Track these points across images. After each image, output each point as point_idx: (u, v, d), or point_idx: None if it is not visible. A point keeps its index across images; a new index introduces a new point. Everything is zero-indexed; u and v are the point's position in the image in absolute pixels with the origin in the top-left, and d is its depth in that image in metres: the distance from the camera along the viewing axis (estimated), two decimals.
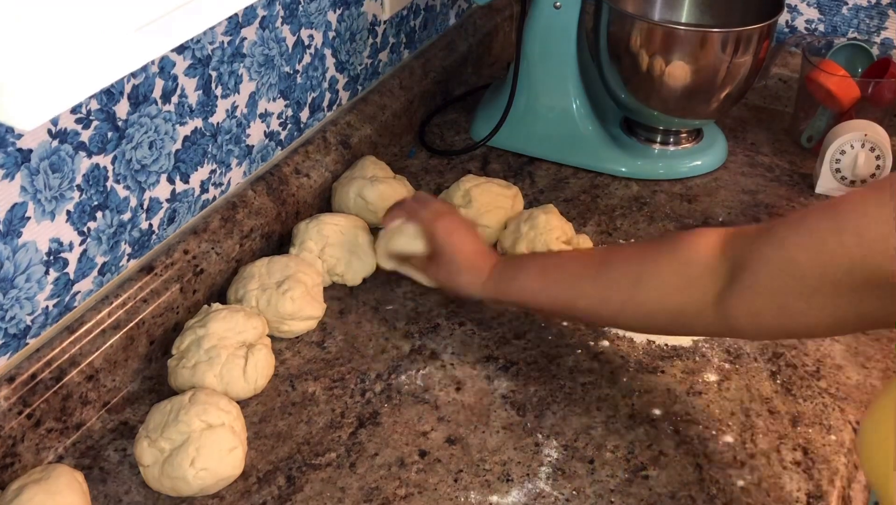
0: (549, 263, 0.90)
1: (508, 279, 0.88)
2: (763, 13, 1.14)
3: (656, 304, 0.79)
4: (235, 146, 1.03)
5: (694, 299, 0.76)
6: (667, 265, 0.78)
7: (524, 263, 0.91)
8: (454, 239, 0.91)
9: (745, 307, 0.72)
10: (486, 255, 0.92)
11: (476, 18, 1.47)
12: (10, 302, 0.79)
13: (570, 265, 0.88)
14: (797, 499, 0.80)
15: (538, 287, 0.87)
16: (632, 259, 0.83)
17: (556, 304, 0.87)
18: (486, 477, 0.82)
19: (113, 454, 0.84)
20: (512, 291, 0.89)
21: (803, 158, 1.27)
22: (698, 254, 0.76)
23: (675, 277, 0.77)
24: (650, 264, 0.80)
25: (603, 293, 0.83)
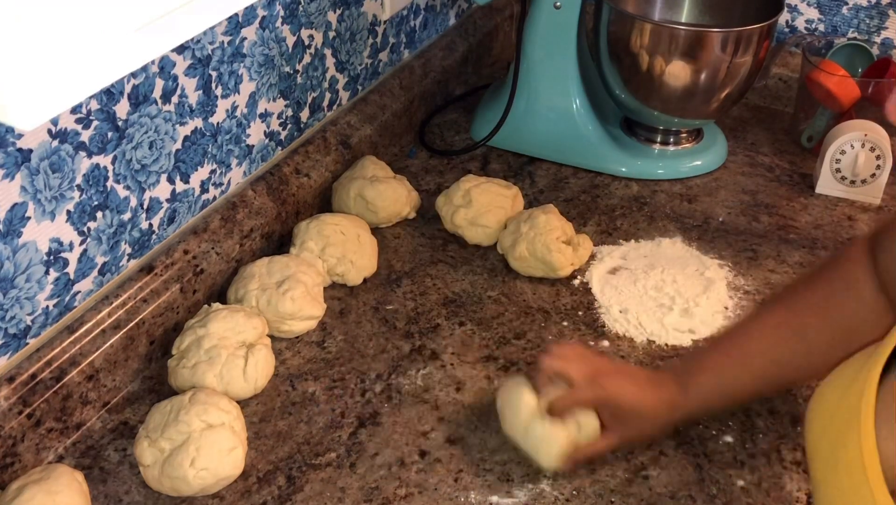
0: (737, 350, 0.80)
1: (704, 394, 0.80)
2: (763, 13, 1.14)
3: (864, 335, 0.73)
4: (235, 146, 1.03)
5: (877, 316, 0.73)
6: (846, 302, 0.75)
7: (711, 366, 0.81)
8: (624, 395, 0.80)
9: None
10: (663, 386, 0.81)
11: (476, 18, 1.47)
12: (10, 302, 0.79)
13: (762, 344, 0.79)
14: (797, 499, 0.80)
15: (743, 382, 0.79)
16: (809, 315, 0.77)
17: (769, 389, 0.83)
18: (486, 477, 0.82)
19: (113, 454, 0.84)
20: (705, 402, 0.81)
21: (803, 158, 1.27)
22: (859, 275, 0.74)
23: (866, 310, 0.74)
24: (830, 313, 0.76)
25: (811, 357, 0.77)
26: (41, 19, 0.42)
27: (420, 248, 1.10)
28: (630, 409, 0.79)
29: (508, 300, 1.02)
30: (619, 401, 0.79)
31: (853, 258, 0.76)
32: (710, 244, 1.11)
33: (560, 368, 0.80)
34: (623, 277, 1.05)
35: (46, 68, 0.43)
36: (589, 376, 0.80)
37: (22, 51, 0.41)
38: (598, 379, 0.80)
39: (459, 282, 1.05)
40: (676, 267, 1.06)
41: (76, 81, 0.45)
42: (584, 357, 0.83)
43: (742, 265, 1.07)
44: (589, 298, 1.02)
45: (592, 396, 0.79)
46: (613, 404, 0.79)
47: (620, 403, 0.79)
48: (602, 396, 0.79)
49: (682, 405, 0.80)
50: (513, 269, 1.06)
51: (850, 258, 0.77)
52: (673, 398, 0.80)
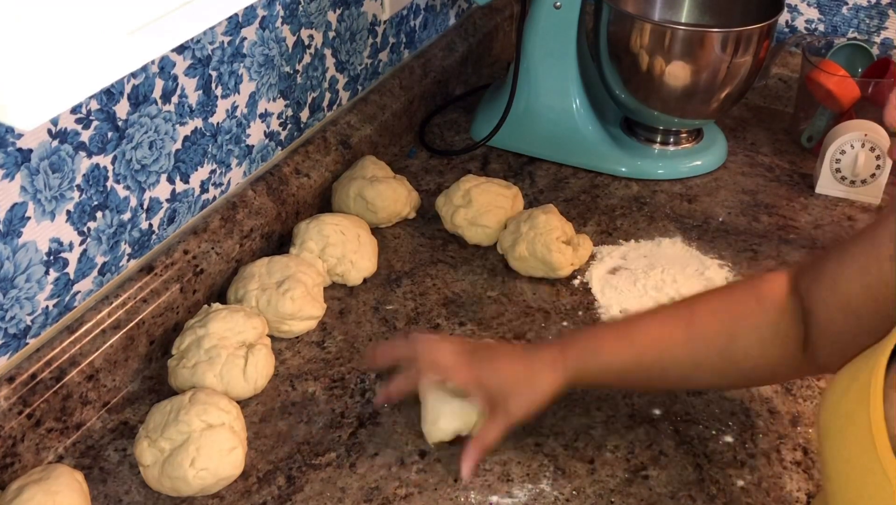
0: (627, 330, 0.81)
1: (585, 362, 0.79)
2: (763, 13, 1.14)
3: (750, 360, 0.75)
4: (235, 146, 1.03)
5: (783, 349, 0.73)
6: (754, 320, 0.74)
7: (598, 336, 0.82)
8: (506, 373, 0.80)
9: (824, 350, 0.70)
10: (539, 351, 0.82)
11: (476, 18, 1.47)
12: (10, 302, 0.80)
13: (653, 329, 0.79)
14: (797, 499, 0.80)
15: (623, 360, 0.79)
16: (718, 316, 0.76)
17: (647, 376, 0.80)
18: (486, 477, 0.82)
19: (113, 454, 0.84)
20: (593, 373, 0.80)
21: (803, 158, 1.27)
22: (778, 301, 0.73)
23: (765, 329, 0.73)
24: (738, 321, 0.75)
25: (694, 354, 0.76)
26: (41, 19, 0.42)
27: (420, 248, 1.10)
28: (510, 387, 0.79)
29: (508, 300, 1.02)
30: (495, 383, 0.79)
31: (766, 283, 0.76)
32: (710, 244, 1.11)
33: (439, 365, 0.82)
34: (623, 277, 1.05)
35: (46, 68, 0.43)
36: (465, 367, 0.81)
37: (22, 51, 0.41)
38: (473, 366, 0.81)
39: (459, 282, 1.05)
40: (676, 267, 1.06)
41: (76, 81, 0.45)
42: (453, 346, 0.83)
43: (742, 265, 1.07)
44: (589, 298, 1.02)
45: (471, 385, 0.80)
46: (492, 388, 0.79)
47: (498, 384, 0.79)
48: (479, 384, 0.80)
49: (561, 370, 0.79)
50: (513, 269, 1.06)
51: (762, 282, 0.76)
52: (552, 361, 0.79)
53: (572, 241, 1.05)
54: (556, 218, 1.05)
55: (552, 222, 1.04)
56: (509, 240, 1.05)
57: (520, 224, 1.05)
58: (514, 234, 1.05)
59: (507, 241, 1.06)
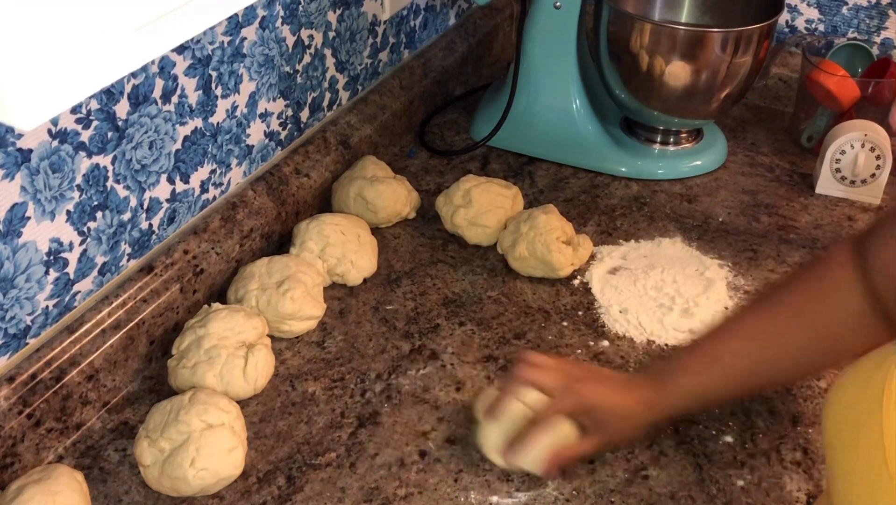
0: (713, 351, 0.81)
1: (679, 395, 0.80)
2: (763, 13, 1.14)
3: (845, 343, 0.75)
4: (235, 146, 1.03)
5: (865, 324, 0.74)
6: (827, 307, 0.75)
7: (686, 367, 0.81)
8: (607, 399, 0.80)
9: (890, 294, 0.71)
10: (637, 387, 0.81)
11: (476, 18, 1.47)
12: (10, 302, 0.79)
13: (739, 345, 0.79)
14: (797, 499, 0.80)
15: (706, 383, 0.80)
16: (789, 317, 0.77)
17: (743, 391, 0.84)
18: (486, 477, 0.82)
19: (113, 454, 0.84)
20: (682, 402, 0.81)
21: (803, 158, 1.27)
22: (844, 279, 0.74)
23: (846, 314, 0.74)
24: (810, 316, 0.76)
25: (780, 363, 0.78)
26: (41, 19, 0.42)
27: (420, 248, 1.10)
28: (608, 411, 0.79)
29: (508, 300, 1.02)
30: (596, 405, 0.79)
31: (836, 262, 0.76)
32: (710, 244, 1.11)
33: (535, 378, 0.81)
34: (623, 277, 1.05)
35: (46, 68, 0.43)
36: (564, 384, 0.80)
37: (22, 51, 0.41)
38: (573, 386, 0.80)
39: (459, 282, 1.05)
40: (676, 267, 1.06)
41: (76, 81, 0.45)
42: (558, 365, 0.83)
43: (742, 265, 1.07)
44: (589, 298, 1.02)
45: (570, 403, 0.79)
46: (591, 409, 0.79)
47: (597, 407, 0.79)
48: (579, 402, 0.79)
49: (659, 405, 0.80)
50: (513, 269, 1.06)
51: (833, 262, 0.77)
52: (649, 398, 0.80)
53: (572, 241, 1.05)
54: (556, 218, 1.05)
55: (552, 222, 1.04)
56: (509, 240, 1.05)
57: (520, 224, 1.05)
58: (514, 234, 1.05)
59: (507, 241, 1.06)
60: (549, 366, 0.82)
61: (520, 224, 1.05)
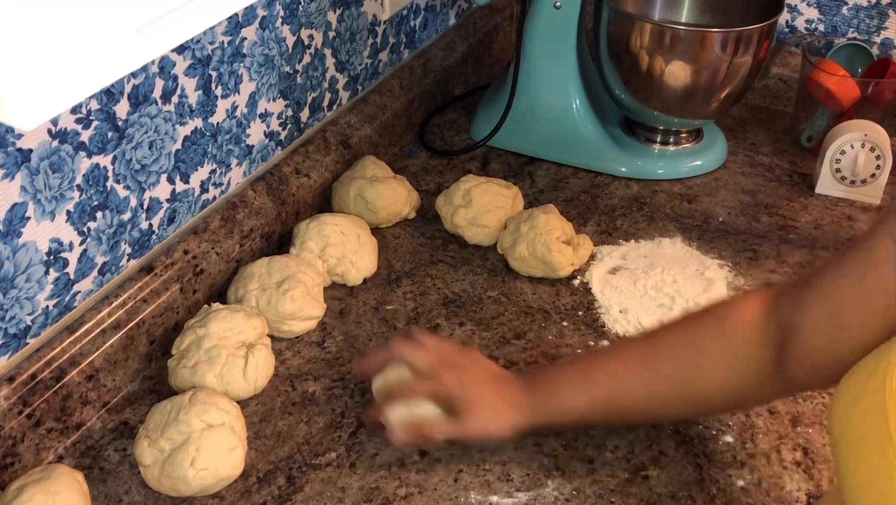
0: (588, 368, 0.81)
1: (547, 403, 0.81)
2: (763, 13, 1.14)
3: (715, 389, 0.75)
4: (235, 146, 1.03)
5: (752, 374, 0.73)
6: (717, 349, 0.74)
7: (559, 377, 0.82)
8: (472, 390, 0.81)
9: (803, 368, 0.69)
10: (508, 386, 0.82)
11: (476, 18, 1.47)
12: (10, 302, 0.79)
13: (612, 366, 0.80)
14: (797, 499, 0.80)
15: (583, 401, 0.80)
16: (677, 349, 0.77)
17: (607, 414, 0.82)
18: (486, 477, 0.82)
19: (113, 454, 0.84)
20: (554, 414, 0.81)
21: (803, 158, 1.27)
22: (745, 327, 0.73)
23: (729, 356, 0.74)
24: (699, 352, 0.75)
25: (655, 389, 0.78)
26: (41, 19, 0.42)
27: (420, 248, 1.10)
28: (467, 402, 0.80)
29: (508, 300, 1.02)
30: (454, 394, 0.80)
31: (733, 308, 0.75)
32: (710, 244, 1.11)
33: (407, 355, 0.83)
34: (623, 276, 1.05)
35: (46, 68, 0.43)
36: (431, 368, 0.82)
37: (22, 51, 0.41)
38: (438, 371, 0.82)
39: (459, 282, 1.05)
40: (676, 267, 1.06)
41: (76, 81, 0.45)
42: (436, 347, 0.84)
43: (742, 265, 1.07)
44: (589, 298, 1.02)
45: (427, 388, 0.81)
46: (449, 397, 0.80)
47: (456, 396, 0.80)
48: (436, 388, 0.81)
49: (527, 409, 0.80)
50: (513, 269, 1.06)
51: (730, 307, 0.76)
52: (518, 400, 0.81)
53: (572, 241, 1.05)
54: (556, 218, 1.05)
55: (552, 222, 1.04)
56: (509, 240, 1.05)
57: (520, 224, 1.05)
58: (514, 234, 1.05)
59: (507, 241, 1.06)
60: (427, 346, 0.84)
61: (520, 224, 1.05)
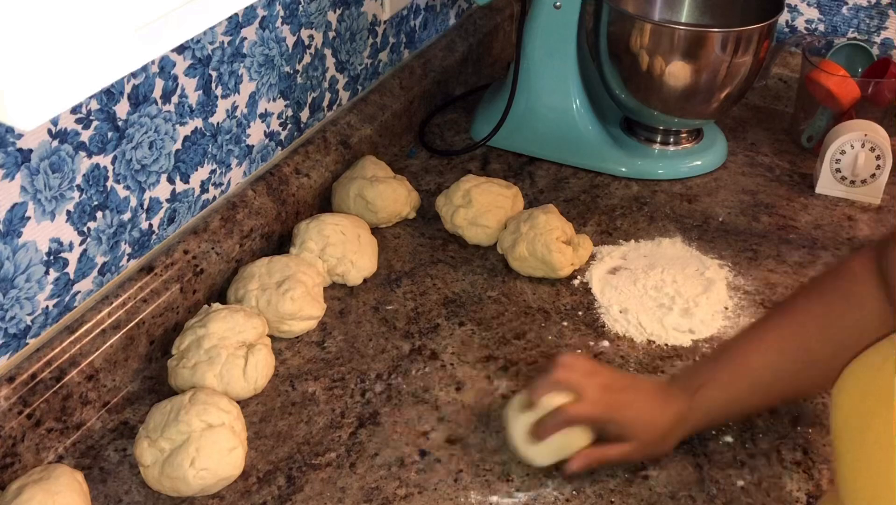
0: (741, 363, 0.81)
1: (709, 407, 0.81)
2: (763, 13, 1.14)
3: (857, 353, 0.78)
4: (235, 146, 1.03)
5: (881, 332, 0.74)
6: (853, 319, 0.76)
7: (714, 378, 0.81)
8: (633, 411, 0.80)
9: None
10: (670, 400, 0.81)
11: (476, 18, 1.47)
12: (10, 302, 0.79)
13: (766, 357, 0.80)
14: (797, 499, 0.80)
15: (743, 396, 0.81)
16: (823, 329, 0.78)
17: (767, 402, 0.85)
18: (486, 477, 0.82)
19: (113, 454, 0.84)
20: (711, 417, 0.82)
21: (803, 158, 1.27)
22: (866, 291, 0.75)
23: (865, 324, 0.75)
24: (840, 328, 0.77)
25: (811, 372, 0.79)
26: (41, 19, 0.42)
27: (420, 248, 1.10)
28: (641, 424, 0.79)
29: (508, 300, 1.02)
30: (628, 417, 0.79)
31: (854, 272, 0.77)
32: (710, 244, 1.11)
33: (570, 381, 0.80)
34: (623, 276, 1.05)
35: (46, 68, 0.43)
36: (598, 390, 0.80)
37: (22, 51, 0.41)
38: (608, 394, 0.80)
39: (459, 282, 1.05)
40: (676, 267, 1.06)
41: (76, 81, 0.45)
42: (594, 370, 0.83)
43: (742, 265, 1.07)
44: (589, 298, 1.02)
45: (602, 411, 0.79)
46: (620, 419, 0.79)
47: (628, 417, 0.79)
48: (606, 414, 0.79)
49: (690, 419, 0.80)
50: (513, 269, 1.06)
51: (851, 272, 0.78)
52: (680, 412, 0.80)
53: (572, 241, 1.05)
54: (556, 218, 1.05)
55: (552, 222, 1.04)
56: (509, 240, 1.05)
57: (520, 224, 1.05)
58: (514, 234, 1.05)
59: (507, 241, 1.06)
60: (585, 370, 0.82)
61: (520, 224, 1.05)
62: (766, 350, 0.80)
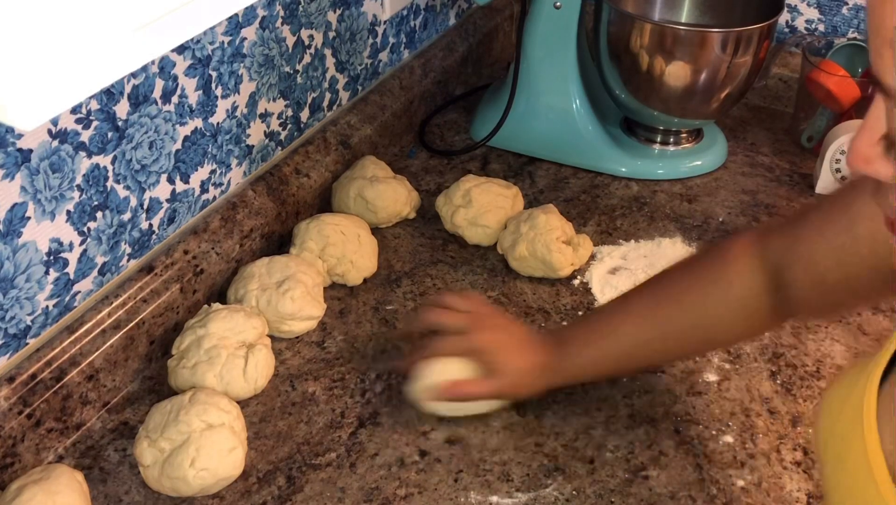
0: (605, 327, 0.85)
1: (571, 364, 0.84)
2: (763, 13, 1.14)
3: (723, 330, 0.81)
4: (235, 146, 1.03)
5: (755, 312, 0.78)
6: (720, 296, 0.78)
7: (580, 337, 0.86)
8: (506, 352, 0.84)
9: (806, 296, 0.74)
10: (537, 349, 0.85)
11: (476, 18, 1.47)
12: (10, 302, 0.79)
13: (627, 324, 0.84)
14: (797, 499, 0.80)
15: (602, 358, 0.85)
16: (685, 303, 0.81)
17: (624, 367, 0.89)
18: (486, 477, 0.82)
19: (113, 454, 0.84)
20: (577, 373, 0.86)
21: (803, 158, 1.27)
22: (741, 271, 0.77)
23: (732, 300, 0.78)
24: (705, 304, 0.80)
25: (668, 344, 0.83)
26: (41, 19, 0.42)
27: (420, 248, 1.10)
28: (500, 362, 0.83)
29: (508, 300, 1.02)
30: (487, 352, 0.84)
31: (729, 253, 0.79)
32: (710, 244, 1.11)
33: (439, 319, 0.86)
34: (623, 277, 1.05)
35: (46, 68, 0.43)
36: (464, 328, 0.85)
37: (22, 51, 0.41)
38: (472, 331, 0.85)
39: (459, 282, 1.05)
40: None
41: (76, 81, 0.45)
42: (467, 307, 0.88)
43: None
44: (589, 298, 1.02)
45: (463, 346, 0.84)
46: (483, 354, 0.84)
47: (489, 354, 0.83)
48: (471, 346, 0.84)
49: (554, 370, 0.84)
50: (513, 269, 1.06)
51: (727, 252, 0.80)
52: (545, 362, 0.84)
53: (572, 242, 1.05)
54: (556, 218, 1.05)
55: (552, 222, 1.04)
56: (509, 240, 1.05)
57: (520, 224, 1.05)
58: (514, 234, 1.05)
59: (507, 241, 1.06)
60: (458, 307, 0.87)
61: (520, 224, 1.05)
62: (630, 316, 0.83)
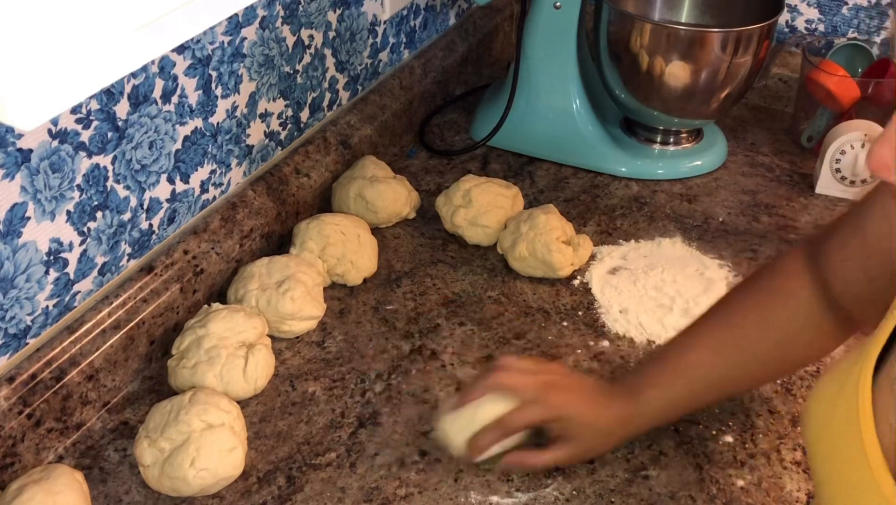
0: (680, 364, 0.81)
1: (651, 409, 0.80)
2: (763, 13, 1.14)
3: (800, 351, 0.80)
4: (235, 146, 1.03)
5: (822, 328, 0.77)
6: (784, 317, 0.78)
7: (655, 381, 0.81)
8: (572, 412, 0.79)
9: (853, 307, 0.73)
10: (611, 401, 0.80)
11: (476, 18, 1.47)
12: (10, 302, 0.80)
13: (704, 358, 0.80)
14: (797, 499, 0.80)
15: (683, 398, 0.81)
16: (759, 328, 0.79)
17: (706, 401, 0.85)
18: (486, 477, 0.82)
19: (113, 454, 0.84)
20: (658, 418, 0.82)
21: (803, 158, 1.27)
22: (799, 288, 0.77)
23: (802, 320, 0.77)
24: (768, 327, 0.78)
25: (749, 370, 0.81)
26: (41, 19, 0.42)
27: (420, 248, 1.10)
28: (578, 424, 0.79)
29: (508, 300, 1.02)
30: (565, 417, 0.78)
31: (787, 270, 0.79)
32: (710, 244, 1.11)
33: (509, 383, 0.79)
34: (623, 277, 1.05)
35: (46, 68, 0.43)
36: (536, 393, 0.78)
37: (22, 51, 0.41)
38: (547, 396, 0.78)
39: (459, 282, 1.05)
40: (676, 267, 1.06)
41: (76, 81, 0.45)
42: (534, 368, 0.82)
43: (742, 265, 1.07)
44: (589, 298, 1.02)
45: (540, 414, 0.78)
46: (560, 420, 0.78)
47: (567, 418, 0.78)
48: (551, 414, 0.78)
49: (632, 421, 0.80)
50: (513, 269, 1.06)
51: (784, 270, 0.79)
52: (624, 414, 0.79)
53: (572, 242, 1.05)
54: (556, 218, 1.05)
55: (552, 222, 1.04)
56: (509, 240, 1.05)
57: (520, 224, 1.05)
58: (514, 234, 1.05)
59: (507, 241, 1.06)
60: (526, 371, 0.81)
61: (520, 224, 1.05)
62: (702, 349, 0.80)
